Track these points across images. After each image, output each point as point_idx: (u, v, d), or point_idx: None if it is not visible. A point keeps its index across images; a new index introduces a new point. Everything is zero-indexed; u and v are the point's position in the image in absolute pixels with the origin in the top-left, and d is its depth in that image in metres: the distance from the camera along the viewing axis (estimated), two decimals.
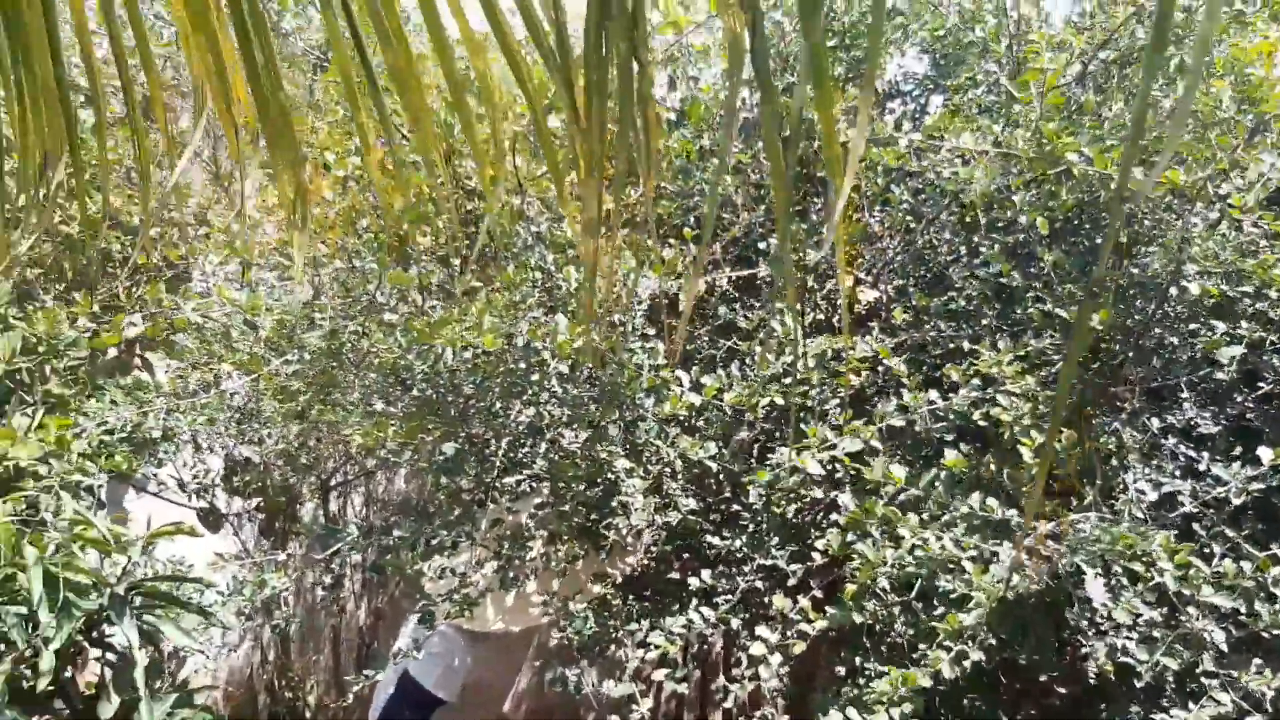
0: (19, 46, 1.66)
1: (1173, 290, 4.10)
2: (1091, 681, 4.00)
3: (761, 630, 4.22)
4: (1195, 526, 3.73)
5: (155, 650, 3.39)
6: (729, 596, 4.37)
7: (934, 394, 4.10)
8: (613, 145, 1.51)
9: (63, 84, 1.70)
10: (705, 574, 4.45)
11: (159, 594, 3.39)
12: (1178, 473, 3.90)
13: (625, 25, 1.42)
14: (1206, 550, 3.62)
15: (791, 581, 4.46)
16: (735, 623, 4.35)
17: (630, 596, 4.87)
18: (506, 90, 4.84)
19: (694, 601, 4.46)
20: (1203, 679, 3.47)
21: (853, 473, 4.33)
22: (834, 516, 4.34)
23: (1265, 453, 3.54)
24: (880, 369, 4.74)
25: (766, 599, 4.47)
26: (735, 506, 4.79)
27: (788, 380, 4.33)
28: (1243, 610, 3.38)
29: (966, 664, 3.47)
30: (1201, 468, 3.81)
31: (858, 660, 4.25)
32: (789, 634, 4.19)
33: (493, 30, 1.47)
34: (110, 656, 3.42)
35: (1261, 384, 4.05)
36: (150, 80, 1.83)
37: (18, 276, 6.20)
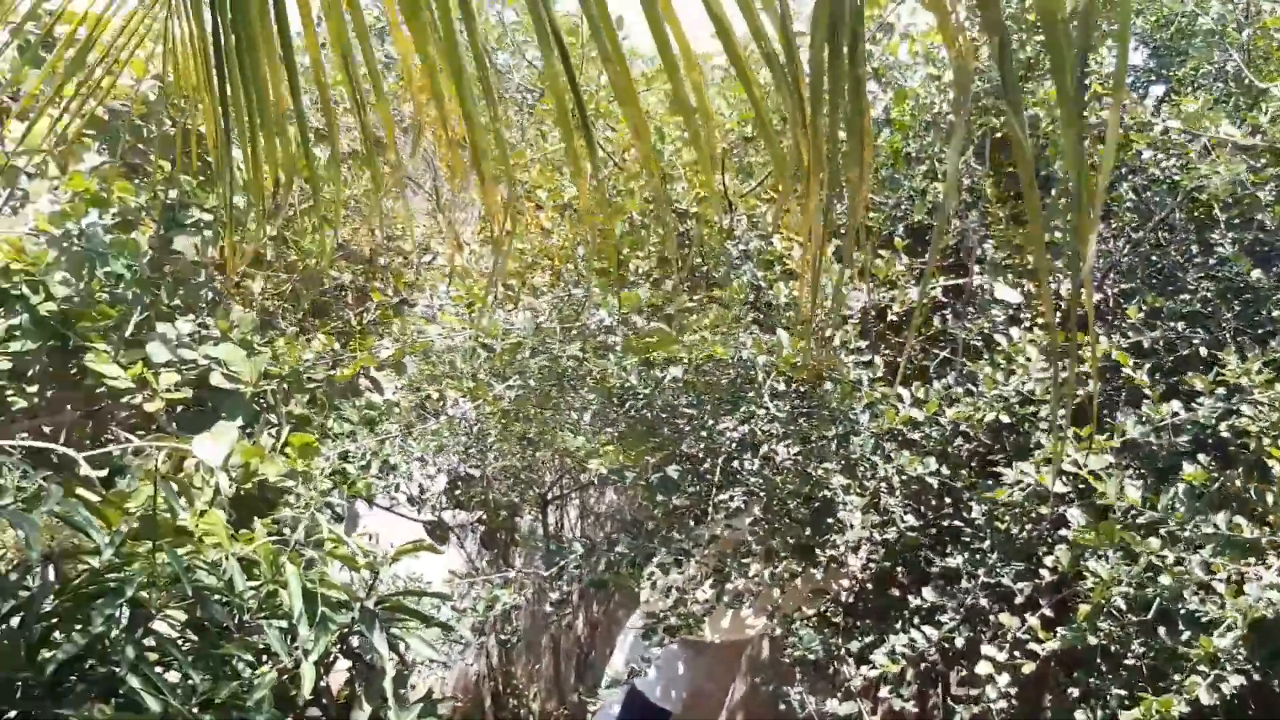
0: (255, 86, 1.80)
1: None
2: None
3: (988, 649, 4.10)
4: None
5: (400, 661, 3.57)
6: (953, 615, 4.27)
7: (1175, 404, 3.89)
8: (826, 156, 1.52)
9: (302, 118, 1.83)
10: (927, 591, 4.36)
11: (403, 608, 3.58)
12: None
13: (852, 32, 1.42)
14: None
15: (1018, 600, 4.32)
16: (959, 641, 4.25)
17: (849, 614, 4.83)
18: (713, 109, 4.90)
19: (916, 619, 4.39)
20: None
21: (1081, 486, 4.16)
22: (1062, 532, 4.18)
23: None
24: (1109, 377, 4.55)
25: (992, 617, 4.35)
26: (956, 522, 4.68)
27: (1014, 398, 4.20)
28: None
29: (1225, 688, 3.28)
30: None
31: (1092, 682, 4.08)
32: (1016, 653, 4.06)
33: (723, 45, 1.50)
34: (358, 667, 3.63)
35: None
36: (383, 113, 1.94)
37: (259, 306, 6.67)
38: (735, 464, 4.65)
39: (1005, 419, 4.22)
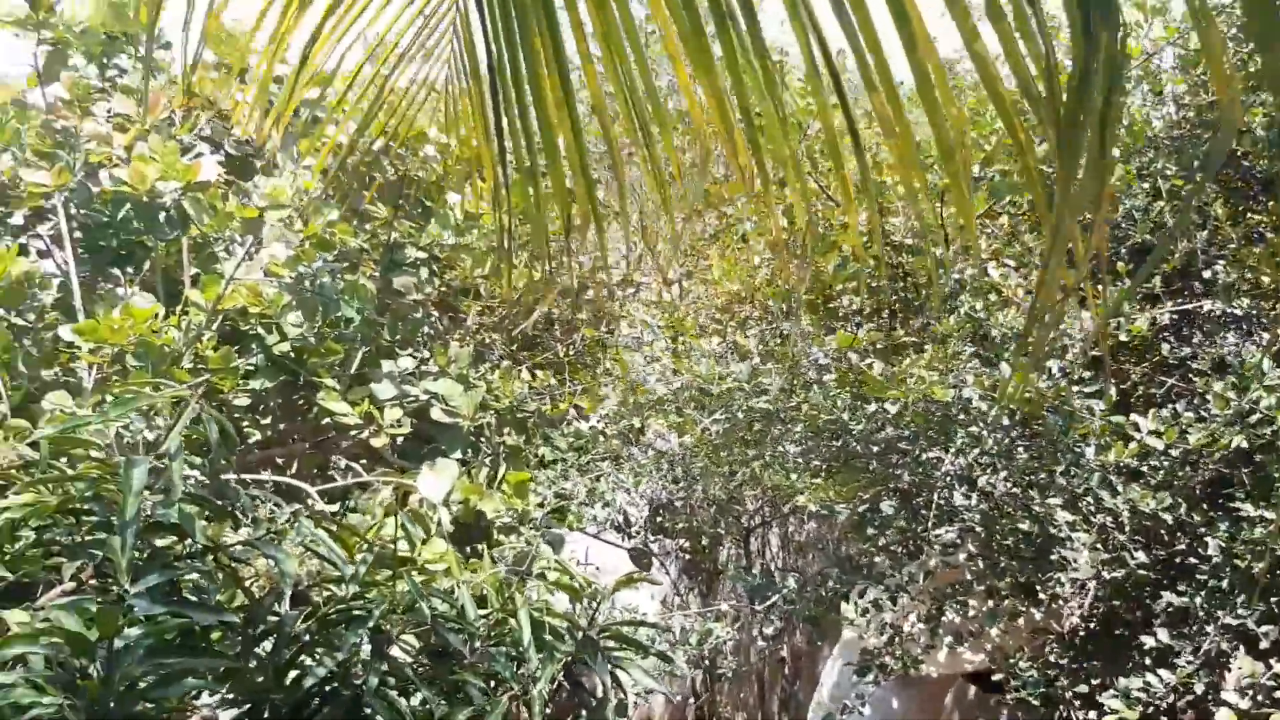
0: (543, 128, 1.89)
1: None
2: None
3: (1230, 695, 3.88)
4: None
5: (620, 690, 3.63)
6: (1190, 658, 4.04)
7: None
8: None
9: (585, 156, 1.90)
10: (1161, 633, 4.15)
11: (623, 638, 3.64)
12: None
13: (1109, 63, 1.40)
14: None
15: (1263, 644, 4.06)
16: (1199, 687, 4.02)
17: (1074, 654, 4.63)
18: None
19: (1148, 661, 4.18)
20: None
21: None
22: None
23: None
24: None
25: (1233, 662, 4.10)
26: (1190, 559, 4.43)
27: (1253, 417, 3.97)
28: None
29: None
30: None
31: None
32: (1261, 700, 3.82)
33: (984, 83, 1.49)
34: (579, 695, 3.70)
35: None
36: (669, 145, 1.98)
37: (473, 339, 6.93)
38: (950, 498, 4.54)
39: (1244, 444, 3.98)
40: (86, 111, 5.46)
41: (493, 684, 3.41)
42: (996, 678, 4.94)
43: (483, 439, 6.12)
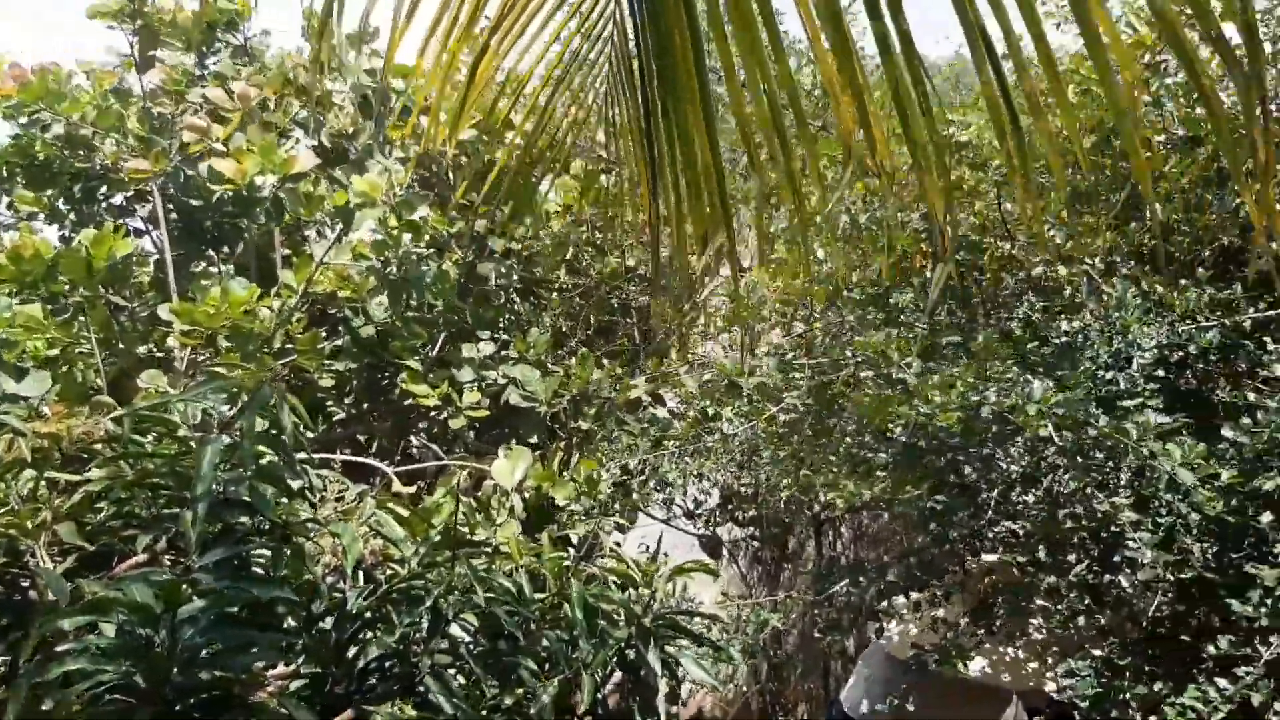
0: (679, 139, 2.02)
1: None
2: None
3: None
4: None
5: (673, 678, 3.70)
6: (1250, 668, 3.97)
7: None
8: None
9: (719, 167, 2.03)
10: (1223, 640, 4.08)
11: (677, 627, 3.71)
12: None
13: None
14: None
15: None
16: (1257, 698, 3.94)
17: (1135, 659, 4.57)
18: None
19: (1209, 669, 4.11)
20: None
21: None
22: None
23: None
24: None
25: None
26: (1260, 566, 4.34)
27: None
28: None
29: None
30: None
31: None
32: None
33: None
34: (634, 682, 3.79)
35: None
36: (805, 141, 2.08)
37: (552, 327, 7.06)
38: (1016, 493, 4.51)
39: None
40: (182, 99, 5.67)
41: (546, 667, 3.51)
42: (1049, 688, 4.87)
43: (558, 424, 6.25)
